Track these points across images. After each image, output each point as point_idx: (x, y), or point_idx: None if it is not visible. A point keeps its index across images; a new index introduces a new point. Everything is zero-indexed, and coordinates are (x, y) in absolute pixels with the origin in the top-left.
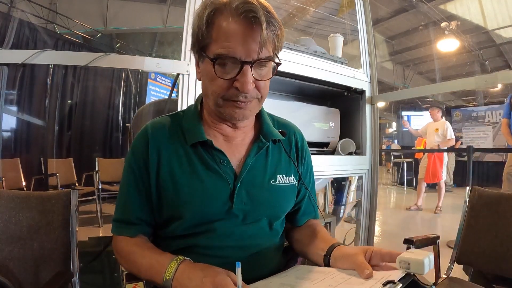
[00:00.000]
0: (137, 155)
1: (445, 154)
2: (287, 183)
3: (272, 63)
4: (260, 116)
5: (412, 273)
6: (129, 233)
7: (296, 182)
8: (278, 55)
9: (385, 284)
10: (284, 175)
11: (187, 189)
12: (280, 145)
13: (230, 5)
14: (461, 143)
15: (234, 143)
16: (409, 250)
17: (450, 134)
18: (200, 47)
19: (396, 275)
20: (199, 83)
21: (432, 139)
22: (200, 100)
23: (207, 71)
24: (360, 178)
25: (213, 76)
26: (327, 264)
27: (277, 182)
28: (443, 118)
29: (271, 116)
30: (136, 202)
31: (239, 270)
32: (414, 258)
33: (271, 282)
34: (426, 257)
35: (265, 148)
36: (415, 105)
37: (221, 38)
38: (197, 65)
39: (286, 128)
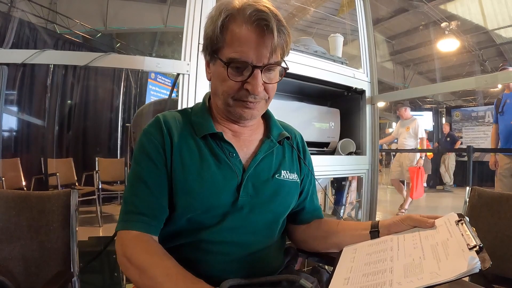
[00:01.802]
0: (152, 140)
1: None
2: (290, 179)
3: (280, 67)
4: (268, 117)
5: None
6: (146, 228)
7: (299, 180)
8: (285, 59)
9: (457, 223)
10: (288, 171)
11: (197, 178)
12: (283, 145)
13: (243, 12)
14: (461, 143)
15: (242, 138)
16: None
17: (422, 132)
18: (213, 50)
19: (454, 217)
20: (199, 83)
21: (403, 139)
22: (207, 97)
23: (219, 73)
24: (360, 178)
25: (224, 77)
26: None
27: (282, 176)
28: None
29: None
30: (156, 188)
31: None
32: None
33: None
34: None
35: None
36: (415, 105)
37: (235, 43)
38: (207, 65)
39: (286, 130)
